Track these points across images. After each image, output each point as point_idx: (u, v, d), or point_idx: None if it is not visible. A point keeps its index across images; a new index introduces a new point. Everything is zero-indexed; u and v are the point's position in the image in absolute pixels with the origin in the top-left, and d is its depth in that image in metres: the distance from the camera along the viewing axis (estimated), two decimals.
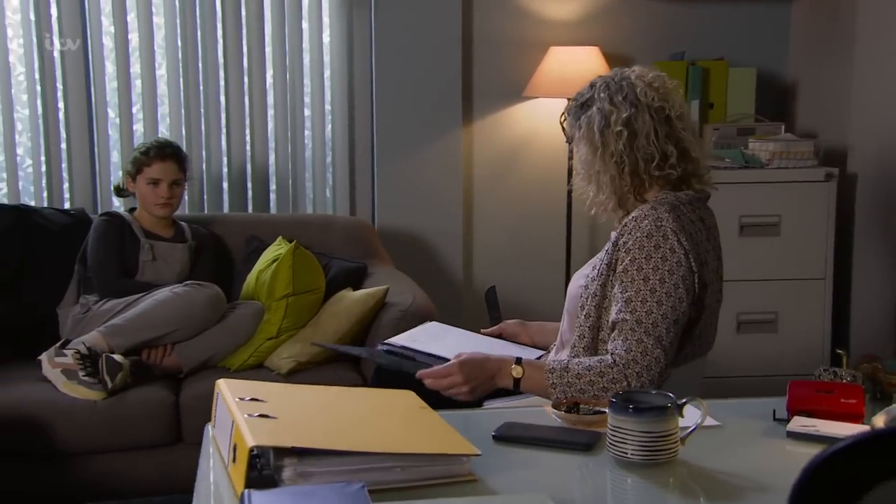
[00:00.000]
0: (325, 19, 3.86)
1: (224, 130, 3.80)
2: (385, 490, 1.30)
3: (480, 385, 1.95)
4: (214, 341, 3.05)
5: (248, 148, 3.82)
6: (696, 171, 2.16)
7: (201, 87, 3.77)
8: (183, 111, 3.76)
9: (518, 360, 1.99)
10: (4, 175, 3.68)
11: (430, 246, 3.95)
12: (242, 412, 1.36)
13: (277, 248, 3.31)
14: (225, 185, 3.84)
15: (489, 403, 2.07)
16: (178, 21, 3.72)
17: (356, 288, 3.27)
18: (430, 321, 2.66)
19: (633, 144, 2.08)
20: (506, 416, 1.68)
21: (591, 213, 2.22)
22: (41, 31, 3.62)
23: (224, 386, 1.49)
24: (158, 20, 3.73)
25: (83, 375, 2.80)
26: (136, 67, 3.73)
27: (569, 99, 2.27)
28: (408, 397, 1.61)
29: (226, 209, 3.82)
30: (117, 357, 2.83)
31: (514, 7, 3.94)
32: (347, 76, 3.87)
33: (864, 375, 1.78)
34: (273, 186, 3.88)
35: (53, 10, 3.63)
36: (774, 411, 1.71)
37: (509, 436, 1.57)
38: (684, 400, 1.52)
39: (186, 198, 3.79)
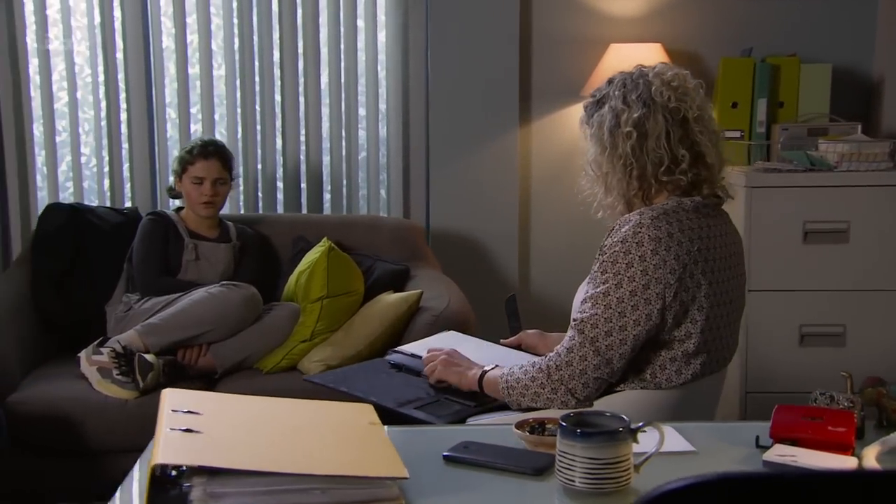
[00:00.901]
0: (381, 18, 3.83)
1: (279, 131, 3.82)
2: None
3: (456, 384, 2.07)
4: (249, 342, 3.05)
5: (303, 148, 3.83)
6: (710, 178, 2.03)
7: (257, 88, 3.79)
8: (239, 112, 3.79)
9: (482, 372, 2.03)
10: (71, 174, 3.79)
11: (484, 250, 3.87)
12: (168, 425, 1.32)
13: (320, 250, 3.29)
14: (280, 185, 3.86)
15: (479, 419, 2.00)
16: (235, 22, 3.75)
17: (398, 291, 3.23)
18: (450, 330, 2.61)
19: (642, 147, 1.98)
20: (469, 434, 1.60)
21: (599, 216, 2.12)
22: (105, 33, 3.71)
23: (165, 396, 1.46)
24: (217, 21, 3.77)
25: (117, 374, 2.84)
26: (194, 69, 3.78)
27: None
28: (361, 412, 1.55)
29: (280, 210, 3.84)
30: (149, 357, 2.86)
31: (573, 3, 3.82)
32: (402, 76, 3.83)
33: (868, 401, 1.62)
34: (328, 187, 3.87)
35: (117, 13, 3.71)
36: (758, 437, 1.57)
37: (460, 457, 1.49)
38: (640, 424, 1.41)
39: (242, 198, 3.84)
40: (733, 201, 2.15)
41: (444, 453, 1.50)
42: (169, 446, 1.25)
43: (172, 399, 1.45)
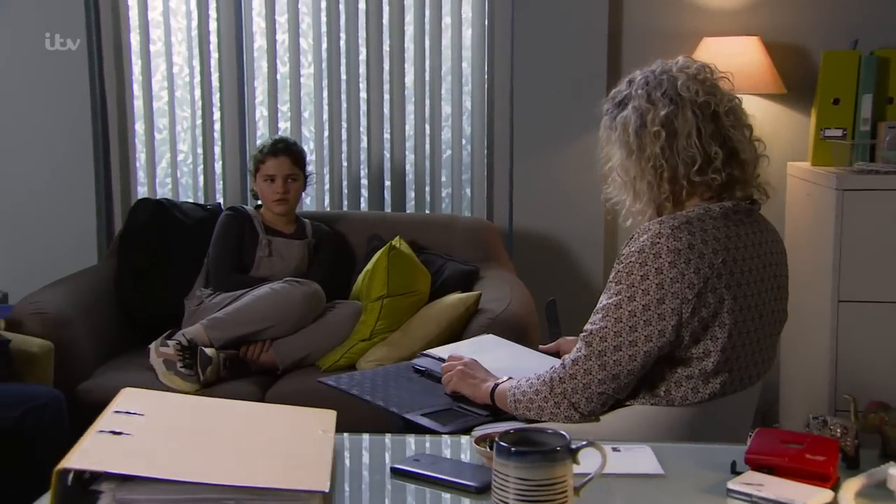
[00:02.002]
0: (466, 15, 3.79)
1: (364, 130, 3.84)
2: None
3: (469, 396, 2.01)
4: (311, 339, 3.08)
5: (388, 147, 3.83)
6: (744, 177, 1.89)
7: (344, 87, 3.82)
8: (326, 111, 3.83)
9: (493, 386, 1.96)
10: (169, 171, 3.93)
11: (568, 252, 3.77)
12: (100, 426, 1.34)
13: (382, 249, 3.28)
14: (364, 182, 3.88)
15: (485, 428, 1.94)
16: (323, 20, 3.79)
17: (466, 291, 3.18)
18: (497, 334, 2.55)
19: (672, 146, 1.85)
20: (430, 447, 1.55)
21: (627, 223, 2.00)
22: (202, 34, 3.82)
23: (121, 395, 1.48)
24: (308, 20, 3.82)
25: (180, 367, 2.92)
26: (284, 68, 3.85)
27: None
28: (319, 418, 1.52)
29: (364, 207, 3.86)
30: (209, 351, 2.93)
31: None
32: (487, 74, 3.78)
33: (870, 428, 1.46)
34: (412, 186, 3.86)
35: (212, 12, 3.81)
36: (734, 463, 1.44)
37: (407, 470, 1.44)
38: (583, 443, 1.31)
39: (327, 196, 3.88)
40: (815, 204, 1.98)
41: (392, 465, 1.45)
42: (83, 450, 1.26)
43: (124, 399, 1.46)
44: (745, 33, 3.54)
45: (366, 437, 1.61)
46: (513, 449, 1.29)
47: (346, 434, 1.59)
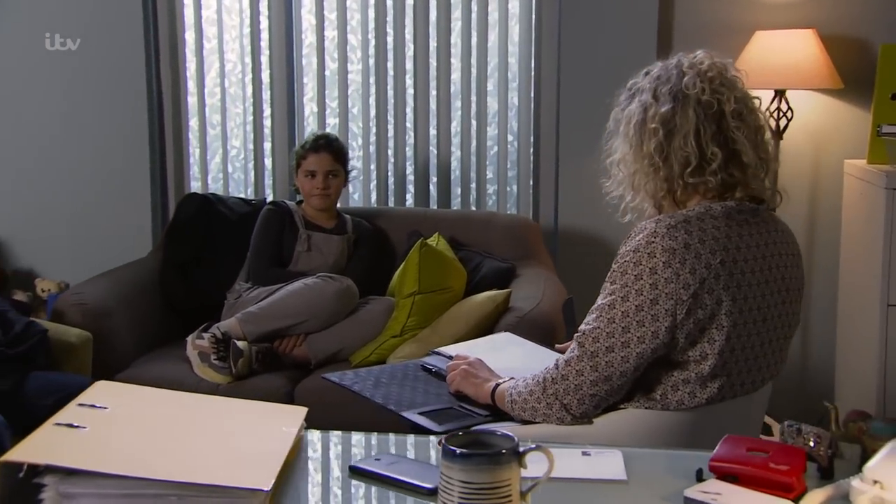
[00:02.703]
0: (513, 10, 3.75)
1: (411, 127, 3.84)
2: None
3: (472, 396, 1.98)
4: (344, 334, 3.10)
5: (434, 143, 3.82)
6: (745, 180, 1.82)
7: (390, 84, 3.82)
8: (373, 108, 3.84)
9: (494, 386, 1.92)
10: (221, 166, 4.00)
11: (613, 251, 3.66)
12: (57, 419, 1.36)
13: (415, 246, 3.28)
14: (411, 178, 3.88)
15: (484, 428, 1.91)
16: (371, 16, 3.80)
17: (502, 289, 3.15)
18: (516, 331, 2.52)
19: (670, 144, 1.80)
20: (396, 448, 1.54)
21: (626, 219, 1.95)
22: (253, 32, 3.88)
23: (93, 387, 1.50)
24: (358, 17, 3.83)
25: (214, 359, 2.97)
26: (333, 65, 3.87)
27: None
28: (287, 416, 1.52)
29: (410, 204, 3.86)
30: (241, 344, 2.97)
31: None
32: (534, 69, 3.73)
33: (850, 437, 1.39)
34: (458, 183, 3.85)
35: (263, 8, 3.86)
36: (700, 470, 1.39)
37: (364, 469, 1.42)
38: (531, 446, 1.28)
39: (374, 193, 3.89)
40: (868, 204, 1.90)
41: (351, 464, 1.44)
42: (32, 443, 1.28)
43: (93, 391, 1.49)
44: (799, 26, 3.41)
45: (337, 434, 1.60)
46: (457, 451, 1.26)
47: (317, 431, 1.59)
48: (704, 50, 1.90)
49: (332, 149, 3.37)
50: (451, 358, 2.22)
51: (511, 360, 2.17)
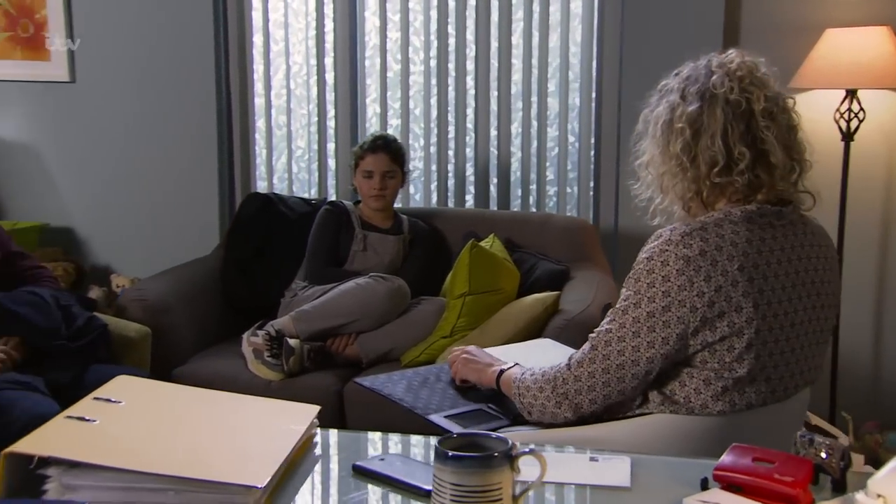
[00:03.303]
0: (575, 10, 3.71)
1: (472, 128, 3.83)
2: None
3: (475, 381, 2.03)
4: (395, 334, 3.12)
5: (495, 144, 3.81)
6: (771, 181, 1.77)
7: (451, 85, 3.83)
8: (434, 109, 3.85)
9: (499, 371, 1.97)
10: (286, 165, 4.07)
11: None
12: (71, 412, 1.40)
13: (485, 245, 3.28)
14: (472, 179, 3.88)
15: (507, 432, 1.90)
16: (433, 16, 3.81)
17: (556, 291, 3.13)
18: (563, 334, 2.50)
19: (695, 145, 1.76)
20: (415, 449, 1.54)
21: (654, 222, 1.92)
22: (319, 35, 3.93)
23: (113, 382, 1.54)
24: (421, 19, 3.85)
25: (267, 356, 3.02)
26: (397, 66, 3.90)
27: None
28: (298, 414, 1.53)
29: (470, 205, 3.86)
30: (293, 342, 3.01)
31: None
32: (596, 70, 3.69)
33: (866, 449, 1.34)
34: (519, 184, 3.83)
35: (328, 10, 3.91)
36: (706, 479, 1.36)
37: (366, 469, 1.43)
38: (524, 450, 1.27)
39: (435, 194, 3.90)
40: None
41: (354, 464, 1.45)
42: (40, 434, 1.33)
43: (112, 385, 1.53)
44: (873, 23, 3.30)
45: (348, 433, 1.61)
46: (448, 453, 1.26)
47: (331, 430, 1.61)
48: (736, 49, 1.85)
49: (389, 149, 3.39)
50: None
51: (544, 363, 2.15)
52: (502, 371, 1.95)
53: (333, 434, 1.62)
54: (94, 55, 4.11)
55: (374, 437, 1.63)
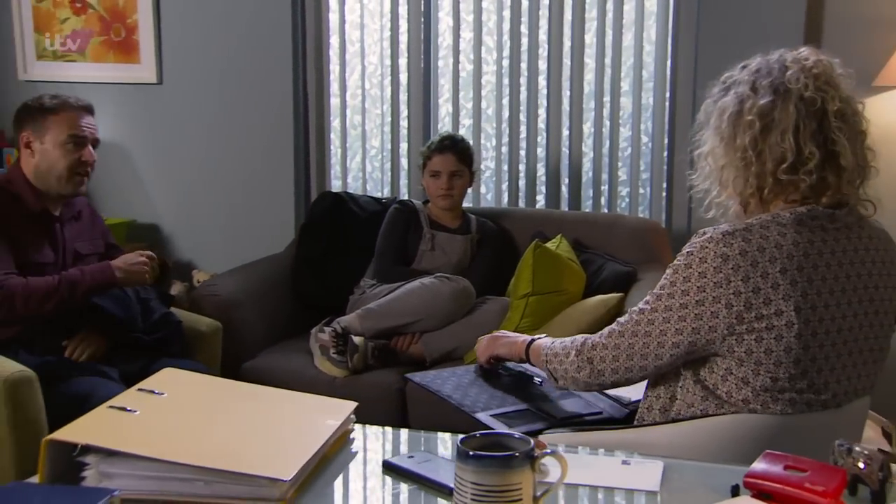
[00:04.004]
0: (650, 9, 3.67)
1: (544, 127, 3.82)
2: (187, 503, 1.31)
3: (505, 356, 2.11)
4: (459, 334, 3.13)
5: (567, 144, 3.79)
6: (838, 184, 1.72)
7: (523, 85, 3.82)
8: (507, 108, 3.85)
9: (528, 343, 2.02)
10: (361, 165, 4.12)
11: None
12: (114, 402, 1.46)
13: (552, 246, 3.27)
14: (543, 179, 3.86)
15: (553, 433, 1.90)
16: (506, 16, 3.81)
17: (625, 292, 3.11)
18: None
19: (764, 139, 1.72)
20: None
21: (709, 215, 1.89)
22: (393, 35, 3.97)
23: (160, 374, 1.60)
24: (495, 18, 3.86)
25: (333, 353, 3.07)
26: (469, 66, 3.91)
27: None
28: (333, 409, 1.56)
29: (542, 205, 3.85)
30: (357, 339, 3.06)
31: None
32: (670, 69, 3.64)
33: None
34: (591, 184, 3.80)
35: (403, 11, 3.95)
36: (736, 486, 1.33)
37: (396, 465, 1.44)
38: (546, 451, 1.27)
39: (506, 192, 3.90)
40: None
41: (384, 460, 1.47)
42: (81, 423, 1.38)
43: (158, 378, 1.58)
44: None
45: (376, 429, 1.63)
46: (469, 453, 1.27)
47: (371, 427, 1.63)
48: (809, 47, 1.80)
49: (456, 149, 3.41)
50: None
51: None
52: (532, 341, 2.00)
53: (373, 430, 1.64)
54: (180, 58, 4.24)
55: (415, 434, 1.64)
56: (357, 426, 1.63)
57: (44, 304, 2.61)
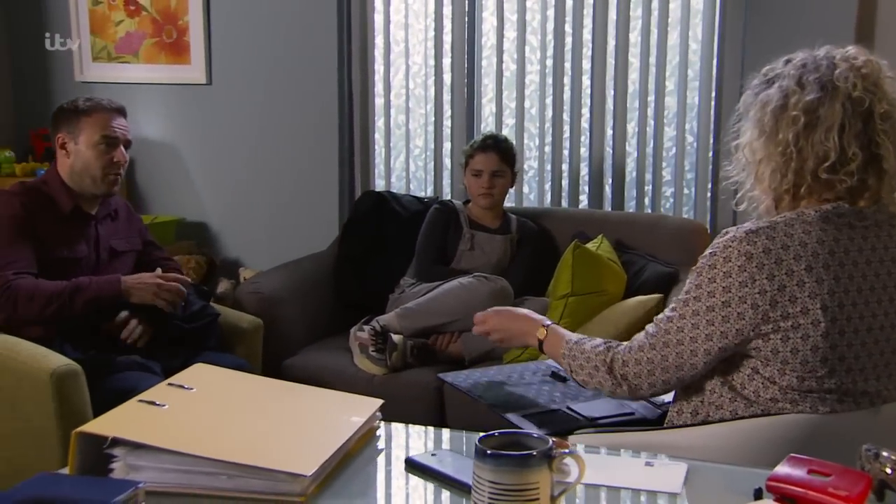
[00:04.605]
0: (696, 7, 3.63)
1: (587, 127, 3.80)
2: (211, 497, 1.33)
3: (508, 337, 2.08)
4: None
5: (611, 143, 3.77)
6: (877, 188, 1.69)
7: (567, 84, 3.81)
8: (550, 108, 3.84)
9: (546, 325, 1.98)
10: (405, 164, 4.14)
11: None
12: (143, 396, 1.49)
13: (593, 246, 3.26)
14: (586, 179, 3.85)
15: (584, 433, 1.90)
16: (549, 15, 3.80)
17: (666, 293, 3.08)
18: None
19: (808, 136, 1.69)
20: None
21: (741, 208, 1.86)
22: (437, 35, 3.98)
23: (190, 369, 1.63)
24: (539, 18, 3.85)
25: (372, 350, 3.09)
26: (512, 66, 3.91)
27: None
28: (358, 406, 1.57)
29: (585, 205, 3.83)
30: (395, 338, 3.07)
31: None
32: (716, 69, 3.59)
33: None
34: (634, 184, 3.77)
35: (448, 11, 3.95)
36: (759, 490, 1.31)
37: (419, 463, 1.45)
38: (564, 451, 1.27)
39: (549, 192, 3.89)
40: None
41: (407, 457, 1.48)
42: (110, 416, 1.41)
43: (188, 372, 1.61)
44: None
45: (402, 426, 1.65)
46: (487, 451, 1.28)
47: (396, 424, 1.64)
48: (857, 46, 1.77)
49: (498, 149, 3.41)
50: None
51: None
52: (553, 324, 1.99)
53: (399, 428, 1.65)
54: (228, 59, 4.30)
55: (442, 432, 1.65)
56: (385, 424, 1.64)
57: (46, 307, 2.66)
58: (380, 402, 1.63)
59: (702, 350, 1.70)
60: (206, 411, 1.49)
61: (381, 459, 1.52)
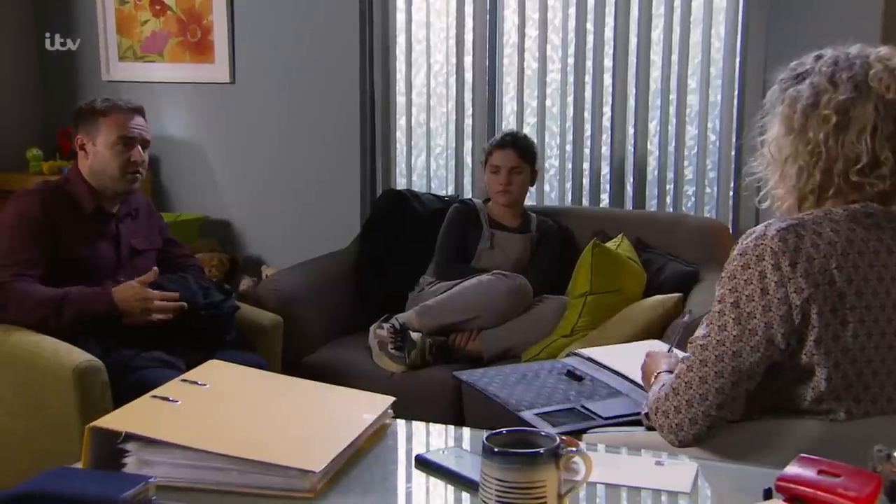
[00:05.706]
0: (719, 4, 3.60)
1: (608, 125, 3.79)
2: (222, 492, 1.34)
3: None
4: (516, 331, 3.13)
5: (632, 142, 3.75)
6: None
7: (588, 83, 3.80)
8: (571, 106, 3.83)
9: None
10: (426, 163, 4.14)
11: None
12: (157, 392, 1.50)
13: (612, 245, 3.25)
14: (607, 177, 3.84)
15: (601, 432, 1.90)
16: (571, 13, 3.79)
17: (686, 293, 3.07)
18: (677, 338, 2.44)
19: (838, 137, 1.65)
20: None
21: (764, 206, 1.83)
22: (459, 34, 3.98)
23: (204, 365, 1.64)
24: (559, 16, 3.84)
25: (391, 348, 3.11)
26: (533, 64, 3.90)
27: None
28: (370, 403, 1.58)
29: (606, 204, 3.82)
30: (415, 335, 3.08)
31: None
32: (739, 67, 3.56)
33: None
34: (656, 183, 3.76)
35: (469, 9, 3.95)
36: (769, 490, 1.31)
37: (428, 460, 1.46)
38: (572, 449, 1.26)
39: (570, 191, 3.88)
40: None
41: (417, 454, 1.48)
42: (124, 411, 1.43)
43: (202, 369, 1.63)
44: None
45: (416, 424, 1.65)
46: (494, 449, 1.28)
47: (410, 422, 1.65)
48: (890, 46, 1.74)
49: (517, 146, 3.41)
50: (589, 359, 2.22)
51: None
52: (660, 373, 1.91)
53: (413, 425, 1.66)
54: (252, 58, 4.33)
55: (455, 430, 1.65)
56: (397, 421, 1.65)
57: (33, 313, 2.66)
58: (391, 399, 1.63)
59: (747, 364, 1.62)
60: (219, 407, 1.51)
61: (391, 457, 1.53)
